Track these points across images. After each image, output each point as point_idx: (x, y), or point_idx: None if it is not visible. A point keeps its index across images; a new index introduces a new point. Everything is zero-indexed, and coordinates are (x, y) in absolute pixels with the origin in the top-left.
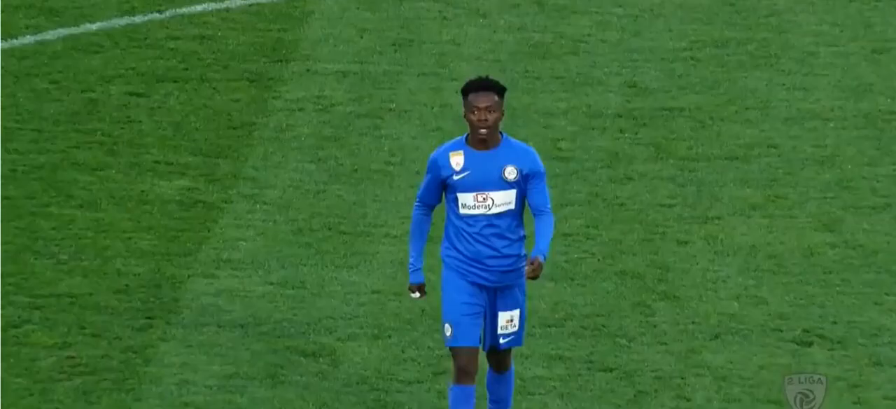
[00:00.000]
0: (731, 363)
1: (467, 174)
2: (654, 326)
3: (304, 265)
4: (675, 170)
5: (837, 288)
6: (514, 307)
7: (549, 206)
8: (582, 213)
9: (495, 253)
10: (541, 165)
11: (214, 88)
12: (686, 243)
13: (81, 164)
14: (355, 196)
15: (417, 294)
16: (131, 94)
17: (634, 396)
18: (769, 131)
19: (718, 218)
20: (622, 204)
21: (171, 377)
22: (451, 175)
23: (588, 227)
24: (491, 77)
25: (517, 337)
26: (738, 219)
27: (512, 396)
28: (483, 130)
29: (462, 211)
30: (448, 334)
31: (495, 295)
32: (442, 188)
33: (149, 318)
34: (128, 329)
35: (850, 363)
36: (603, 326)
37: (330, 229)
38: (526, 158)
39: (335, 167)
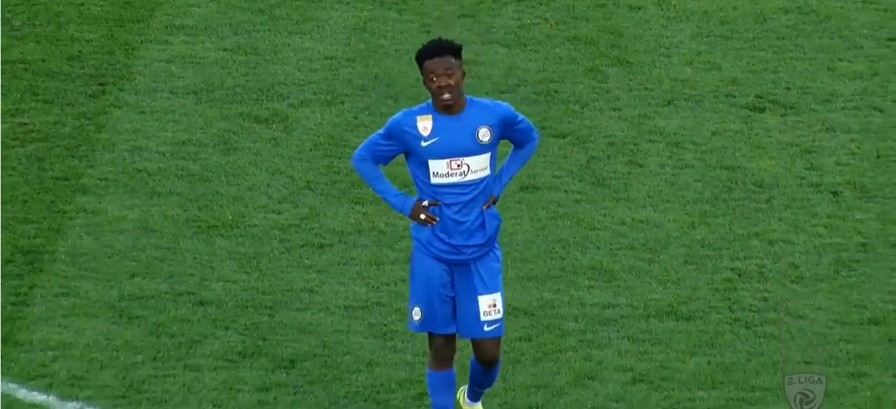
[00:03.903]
0: (684, 128)
1: (437, 140)
2: (607, 91)
3: (257, 31)
4: None
5: (790, 54)
6: (495, 290)
7: (534, 133)
8: None
9: (471, 226)
10: (511, 109)
11: None
12: (639, 8)
13: None
14: None
15: (423, 216)
16: None
17: (587, 161)
18: None
19: None
20: None
21: (123, 144)
22: (420, 141)
23: None
24: (444, 38)
25: (501, 324)
26: None
27: (495, 380)
28: (446, 96)
29: (434, 180)
30: (417, 318)
31: (472, 275)
32: (398, 155)
33: (101, 84)
34: (81, 96)
35: (803, 128)
36: (555, 91)
37: None
38: (496, 114)
39: None
